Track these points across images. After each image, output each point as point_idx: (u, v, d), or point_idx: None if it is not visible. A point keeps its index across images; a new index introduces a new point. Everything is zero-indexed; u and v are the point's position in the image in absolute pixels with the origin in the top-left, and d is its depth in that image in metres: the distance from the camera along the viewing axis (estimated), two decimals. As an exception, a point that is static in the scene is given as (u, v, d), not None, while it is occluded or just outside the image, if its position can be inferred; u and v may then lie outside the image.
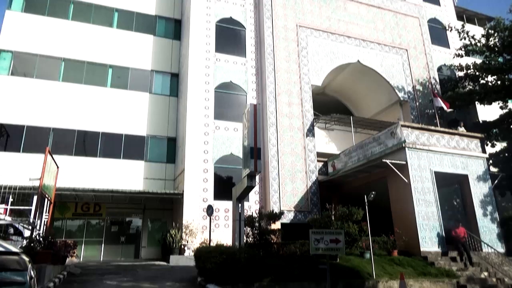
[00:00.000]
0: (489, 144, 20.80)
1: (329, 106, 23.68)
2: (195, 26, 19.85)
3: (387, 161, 14.84)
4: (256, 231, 13.39)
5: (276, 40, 20.26)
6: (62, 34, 20.46)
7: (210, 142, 18.20)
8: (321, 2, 22.26)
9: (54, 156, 12.98)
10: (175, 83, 21.96)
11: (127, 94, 20.69)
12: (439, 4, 27.57)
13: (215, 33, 20.18)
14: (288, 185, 17.94)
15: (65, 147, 18.55)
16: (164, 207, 20.12)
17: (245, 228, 12.98)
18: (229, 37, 20.57)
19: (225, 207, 17.23)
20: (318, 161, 19.08)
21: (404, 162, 14.96)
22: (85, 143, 19.30)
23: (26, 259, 5.56)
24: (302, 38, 20.92)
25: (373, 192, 12.44)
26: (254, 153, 11.47)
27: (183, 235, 16.18)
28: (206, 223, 16.43)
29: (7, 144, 18.18)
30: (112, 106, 20.16)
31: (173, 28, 23.15)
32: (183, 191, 17.12)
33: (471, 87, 21.88)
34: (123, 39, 21.60)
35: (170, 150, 20.57)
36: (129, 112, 20.34)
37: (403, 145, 15.18)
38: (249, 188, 11.77)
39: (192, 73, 18.97)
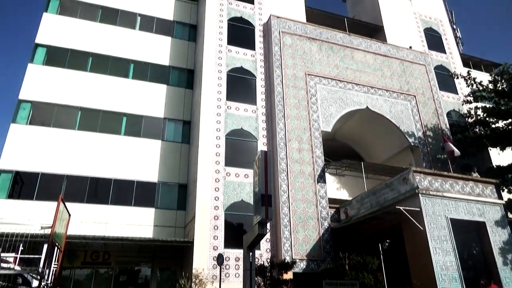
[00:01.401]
0: (505, 190, 20.33)
1: (339, 151, 23.71)
2: (207, 76, 20.55)
3: (401, 208, 14.55)
4: (267, 282, 13.00)
5: (286, 88, 20.77)
6: (80, 85, 21.33)
7: (220, 188, 18.19)
8: (329, 51, 23.02)
9: (66, 203, 13.06)
10: (187, 130, 22.38)
11: (140, 141, 21.08)
12: (444, 52, 28.26)
13: (226, 82, 20.83)
14: (300, 233, 17.58)
15: (77, 194, 18.69)
16: (174, 256, 19.74)
17: (256, 278, 12.61)
18: (240, 85, 21.17)
19: (235, 255, 16.85)
20: (330, 207, 18.81)
21: (418, 209, 14.64)
22: (97, 190, 19.44)
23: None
24: (311, 85, 21.42)
25: (387, 240, 12.14)
26: (265, 200, 11.40)
27: (193, 285, 15.72)
28: (216, 273, 16.03)
29: (21, 192, 18.44)
30: (125, 153, 20.50)
31: (186, 78, 23.97)
32: (193, 239, 16.88)
33: (482, 132, 21.83)
34: (137, 88, 22.38)
35: (181, 196, 20.55)
36: (141, 159, 20.62)
37: (417, 191, 14.94)
38: (260, 236, 11.57)
39: (204, 121, 19.38)
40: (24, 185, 18.54)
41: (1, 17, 65.48)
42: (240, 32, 22.71)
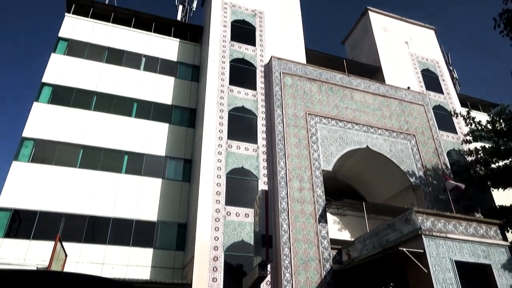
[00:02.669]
0: (510, 231, 20.01)
1: (341, 191, 23.55)
2: (208, 115, 20.83)
3: (404, 250, 14.26)
4: (268, 327, 12.52)
5: (286, 127, 20.99)
6: (83, 123, 21.60)
7: (220, 228, 17.92)
8: (328, 91, 23.47)
9: (63, 243, 12.88)
10: (188, 168, 22.39)
11: (141, 180, 21.04)
12: (442, 92, 28.81)
13: (227, 121, 21.08)
14: (301, 275, 17.12)
15: (75, 233, 18.38)
16: (171, 298, 19.14)
17: (256, 324, 12.17)
18: (241, 124, 21.40)
19: (235, 298, 16.33)
20: (332, 248, 18.42)
21: (422, 251, 14.34)
22: (95, 230, 19.14)
23: None
24: (311, 125, 21.66)
25: (392, 284, 11.82)
26: (266, 240, 11.24)
27: (190, 330, 15.14)
28: (214, 317, 15.47)
29: (18, 231, 18.16)
30: (125, 191, 20.40)
31: (188, 117, 24.29)
32: (191, 281, 16.41)
33: (482, 172, 21.80)
34: (140, 127, 22.63)
35: (180, 236, 20.19)
36: (141, 198, 20.48)
37: (420, 232, 14.70)
38: (261, 278, 11.33)
39: (205, 159, 19.43)
40: (22, 224, 18.28)
41: (9, 56, 67.45)
42: (241, 73, 23.28)
